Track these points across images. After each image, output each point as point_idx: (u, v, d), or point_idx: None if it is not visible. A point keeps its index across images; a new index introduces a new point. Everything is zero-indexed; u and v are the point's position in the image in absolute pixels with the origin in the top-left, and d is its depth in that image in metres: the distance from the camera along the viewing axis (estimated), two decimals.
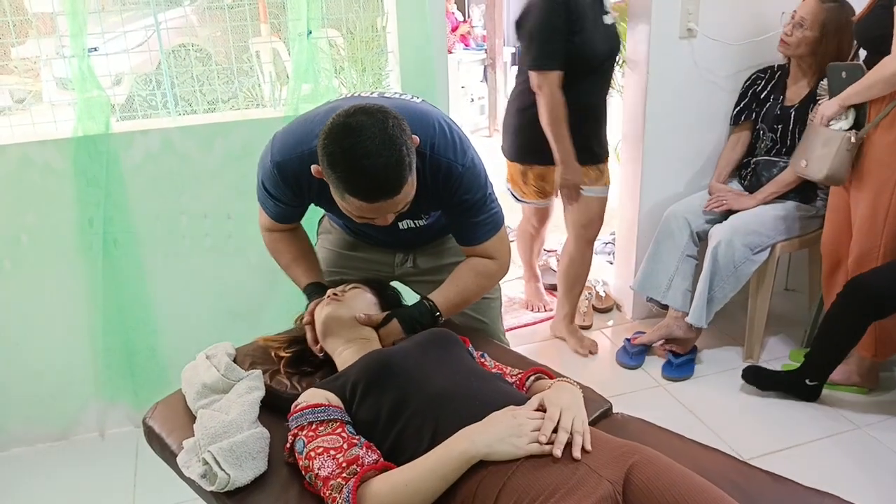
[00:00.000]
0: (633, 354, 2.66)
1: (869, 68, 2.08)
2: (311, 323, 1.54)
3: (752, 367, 2.45)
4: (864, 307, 2.11)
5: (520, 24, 2.33)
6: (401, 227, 1.64)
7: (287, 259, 1.69)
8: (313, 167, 1.36)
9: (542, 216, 2.90)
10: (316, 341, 1.53)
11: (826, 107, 2.19)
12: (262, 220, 1.67)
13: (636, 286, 2.71)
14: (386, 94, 1.57)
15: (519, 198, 2.71)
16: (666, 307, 2.64)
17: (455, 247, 1.68)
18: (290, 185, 1.50)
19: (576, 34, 2.25)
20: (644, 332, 2.70)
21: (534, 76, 2.29)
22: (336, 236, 1.84)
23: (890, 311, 2.11)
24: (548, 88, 2.26)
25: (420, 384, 1.26)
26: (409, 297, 1.76)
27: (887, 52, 1.98)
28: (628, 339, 2.73)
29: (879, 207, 2.15)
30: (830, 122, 2.18)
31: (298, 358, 1.58)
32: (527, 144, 2.50)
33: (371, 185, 1.27)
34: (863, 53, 2.26)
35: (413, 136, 1.34)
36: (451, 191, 1.48)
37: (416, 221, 1.64)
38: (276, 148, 1.49)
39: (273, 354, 1.60)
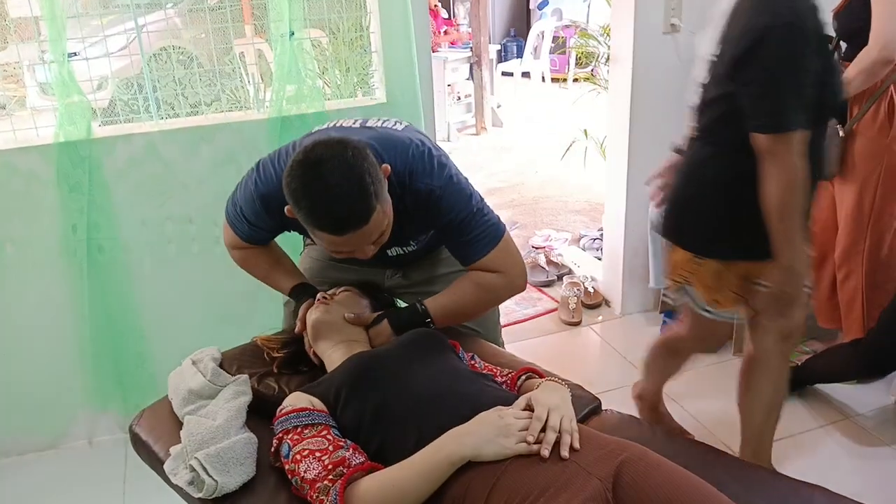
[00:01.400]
0: None
1: (849, 60, 2.09)
2: (306, 329, 1.53)
3: None
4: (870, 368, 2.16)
5: (743, 62, 1.47)
6: (389, 254, 1.62)
7: (264, 270, 1.66)
8: (286, 208, 1.33)
9: (708, 331, 1.94)
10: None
11: None
12: (229, 238, 1.61)
13: (653, 284, 2.71)
14: (368, 123, 1.54)
15: (705, 307, 1.74)
16: None
17: (448, 258, 1.66)
18: (273, 216, 1.47)
19: (828, 73, 1.54)
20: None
21: (763, 139, 1.47)
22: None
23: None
24: (788, 156, 1.46)
25: (403, 387, 1.26)
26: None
27: (866, 43, 1.99)
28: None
29: (864, 201, 2.16)
30: None
31: (291, 359, 1.58)
32: (731, 232, 1.65)
33: (335, 217, 1.25)
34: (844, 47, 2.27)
35: (384, 165, 1.33)
36: (435, 214, 1.46)
37: (404, 248, 1.63)
38: (262, 178, 1.47)
39: (266, 355, 1.60)
